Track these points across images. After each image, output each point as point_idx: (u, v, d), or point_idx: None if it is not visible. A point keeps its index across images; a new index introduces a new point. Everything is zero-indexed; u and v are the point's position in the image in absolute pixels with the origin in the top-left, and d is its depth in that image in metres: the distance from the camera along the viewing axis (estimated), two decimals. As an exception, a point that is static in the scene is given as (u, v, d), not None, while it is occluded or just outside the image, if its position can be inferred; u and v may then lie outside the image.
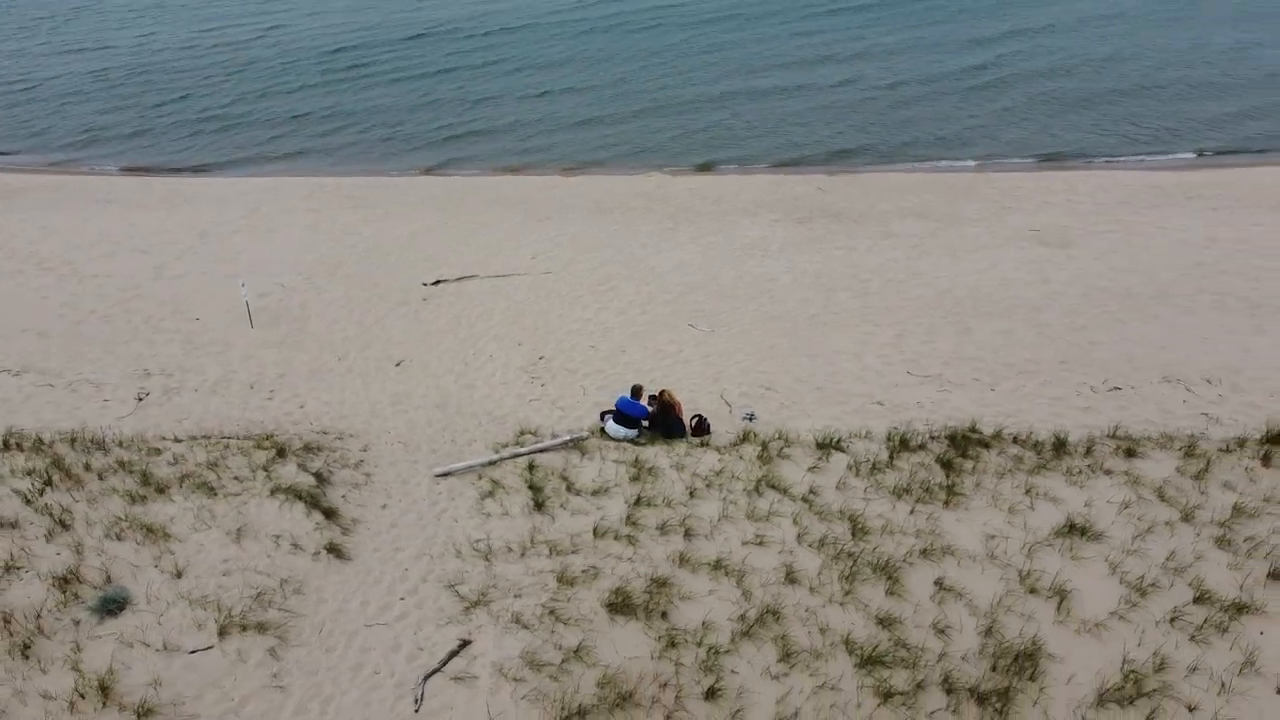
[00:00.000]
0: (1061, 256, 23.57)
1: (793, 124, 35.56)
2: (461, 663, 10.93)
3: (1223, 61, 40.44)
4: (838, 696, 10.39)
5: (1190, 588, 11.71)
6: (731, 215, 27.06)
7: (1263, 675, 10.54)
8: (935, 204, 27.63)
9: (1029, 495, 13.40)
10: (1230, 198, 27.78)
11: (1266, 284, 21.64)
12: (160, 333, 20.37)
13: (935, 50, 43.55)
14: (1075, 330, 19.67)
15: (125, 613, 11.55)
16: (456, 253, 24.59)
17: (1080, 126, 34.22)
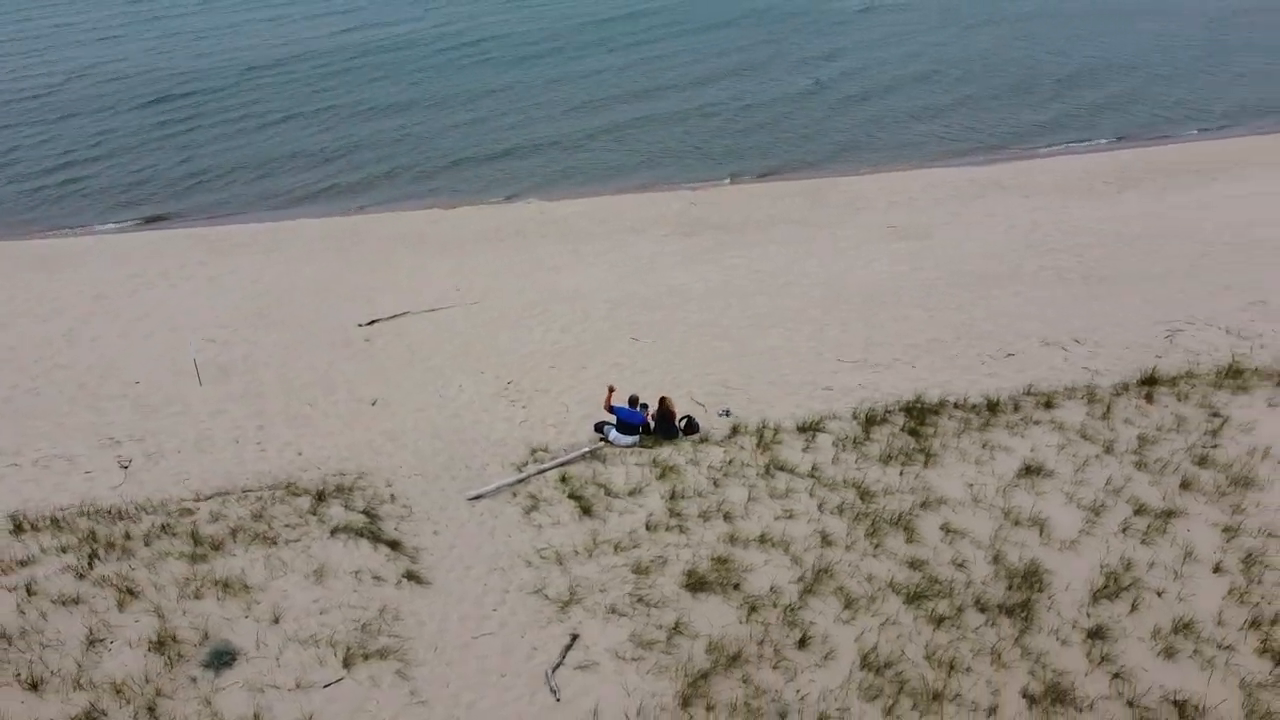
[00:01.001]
0: (920, 247, 27.00)
1: (645, 146, 37.84)
2: (578, 654, 12.26)
3: (1011, 67, 46.32)
4: (900, 629, 12.52)
5: (1128, 504, 14.68)
6: (620, 234, 28.93)
7: (1200, 562, 13.56)
8: (798, 210, 30.62)
9: (986, 449, 16.11)
10: (1033, 186, 32.39)
11: (1088, 258, 25.80)
12: (103, 399, 19.96)
13: (764, 72, 47.03)
14: (957, 310, 22.89)
15: (239, 663, 12.08)
16: (374, 291, 25.12)
17: (899, 133, 38.46)
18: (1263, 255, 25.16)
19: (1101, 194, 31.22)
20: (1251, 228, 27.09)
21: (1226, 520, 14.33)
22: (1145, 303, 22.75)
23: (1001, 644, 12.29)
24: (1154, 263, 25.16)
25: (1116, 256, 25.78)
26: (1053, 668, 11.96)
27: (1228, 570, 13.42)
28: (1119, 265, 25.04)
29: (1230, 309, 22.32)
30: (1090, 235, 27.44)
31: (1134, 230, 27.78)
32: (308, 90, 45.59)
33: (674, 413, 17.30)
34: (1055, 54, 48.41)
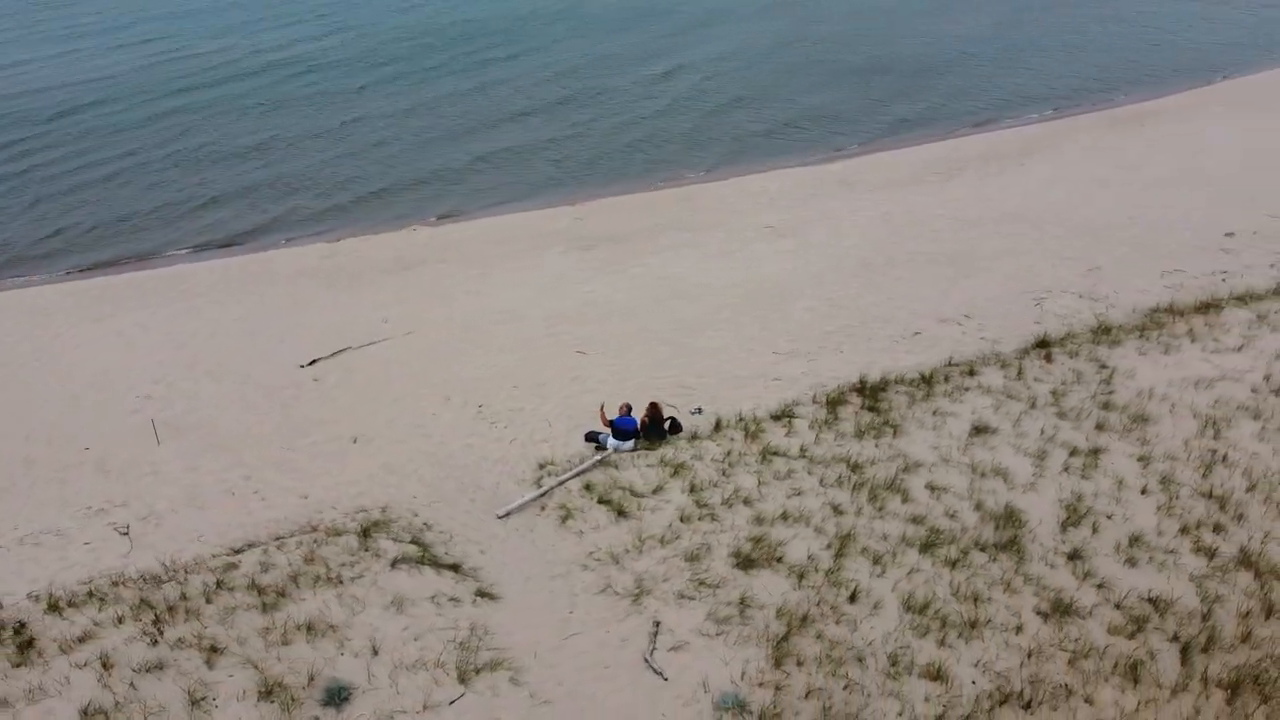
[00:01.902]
0: (800, 244, 29.71)
1: (515, 166, 38.84)
2: (665, 638, 13.67)
3: (826, 70, 50.39)
4: (923, 575, 14.73)
5: (1063, 448, 17.59)
6: (522, 254, 29.98)
7: (1130, 487, 16.58)
8: (677, 217, 32.70)
9: (937, 415, 18.67)
10: (872, 181, 35.96)
11: (946, 243, 29.28)
12: (61, 469, 19.27)
13: (611, 86, 48.77)
14: (854, 298, 25.61)
15: (355, 697, 12.71)
16: (299, 330, 25.07)
17: (739, 138, 41.37)
18: (1084, 230, 29.43)
19: (932, 184, 35.12)
20: (1070, 208, 31.50)
21: (1138, 451, 17.49)
22: (1006, 277, 26.29)
23: (1006, 575, 14.71)
24: (999, 242, 28.91)
25: (966, 239, 29.38)
26: (1051, 588, 14.49)
27: (1152, 491, 16.50)
28: (971, 246, 28.61)
29: (1074, 276, 26.22)
30: (937, 221, 31.03)
31: (971, 214, 31.61)
32: (136, 131, 43.38)
33: (663, 416, 18.84)
34: (864, 55, 52.98)
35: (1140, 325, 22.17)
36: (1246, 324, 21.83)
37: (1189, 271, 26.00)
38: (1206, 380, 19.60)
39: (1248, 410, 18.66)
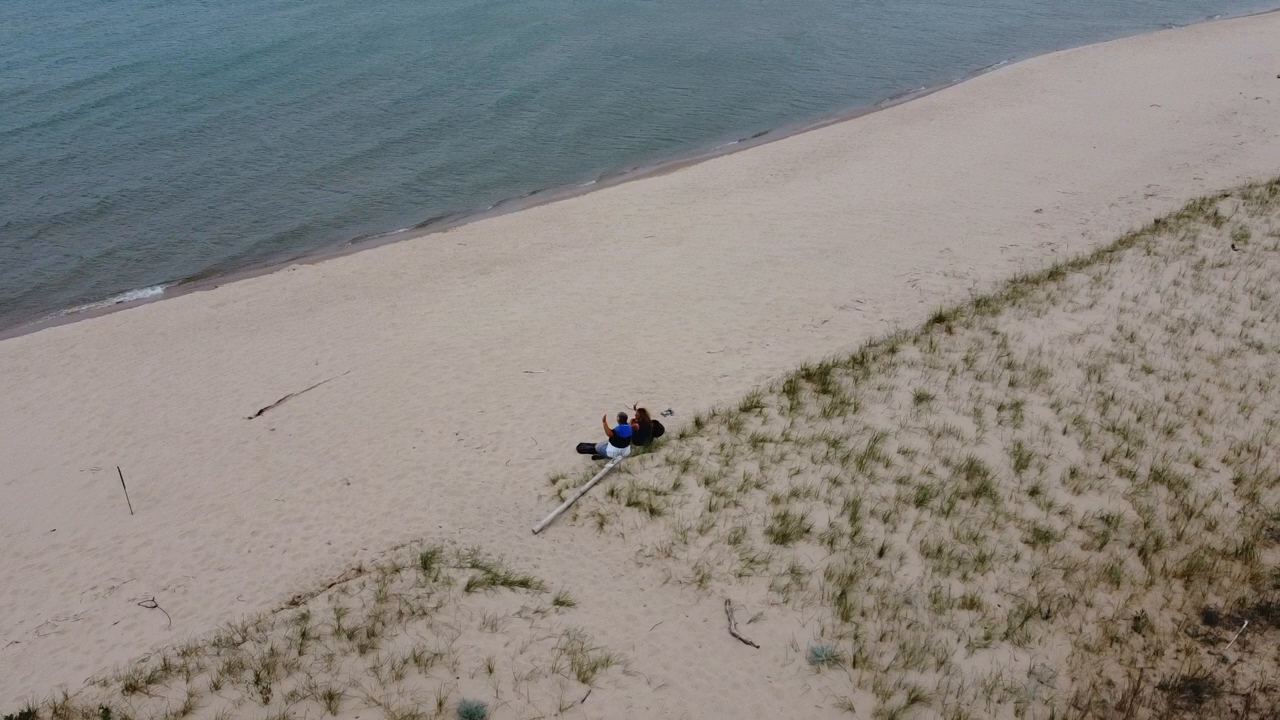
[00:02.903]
0: (684, 250, 31.92)
1: (365, 197, 38.65)
2: (741, 614, 15.40)
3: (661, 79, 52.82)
4: (927, 525, 17.26)
5: (991, 405, 20.74)
6: (422, 283, 30.32)
7: (1053, 430, 19.89)
8: (558, 234, 34.04)
9: (881, 390, 21.37)
10: (722, 186, 38.73)
11: (814, 238, 32.38)
12: (40, 556, 18.30)
13: (449, 108, 48.91)
14: (757, 294, 28.06)
15: (491, 713, 13.61)
16: (228, 382, 24.47)
17: (595, 154, 43.10)
18: (922, 216, 33.45)
19: (775, 185, 38.36)
20: (903, 197, 35.55)
21: (1048, 400, 20.92)
22: (877, 264, 29.66)
23: (990, 516, 17.51)
24: (858, 232, 32.37)
25: (830, 232, 32.66)
26: (1027, 520, 17.42)
27: (1071, 431, 19.90)
28: (838, 239, 31.89)
29: (931, 258, 29.97)
30: (796, 219, 34.18)
31: (823, 210, 35.02)
32: None
33: (651, 420, 20.41)
34: (669, 65, 56.00)
35: (1008, 295, 25.95)
36: (1088, 285, 26.11)
37: (1021, 245, 30.38)
38: (1076, 335, 23.47)
39: (1115, 356, 22.60)
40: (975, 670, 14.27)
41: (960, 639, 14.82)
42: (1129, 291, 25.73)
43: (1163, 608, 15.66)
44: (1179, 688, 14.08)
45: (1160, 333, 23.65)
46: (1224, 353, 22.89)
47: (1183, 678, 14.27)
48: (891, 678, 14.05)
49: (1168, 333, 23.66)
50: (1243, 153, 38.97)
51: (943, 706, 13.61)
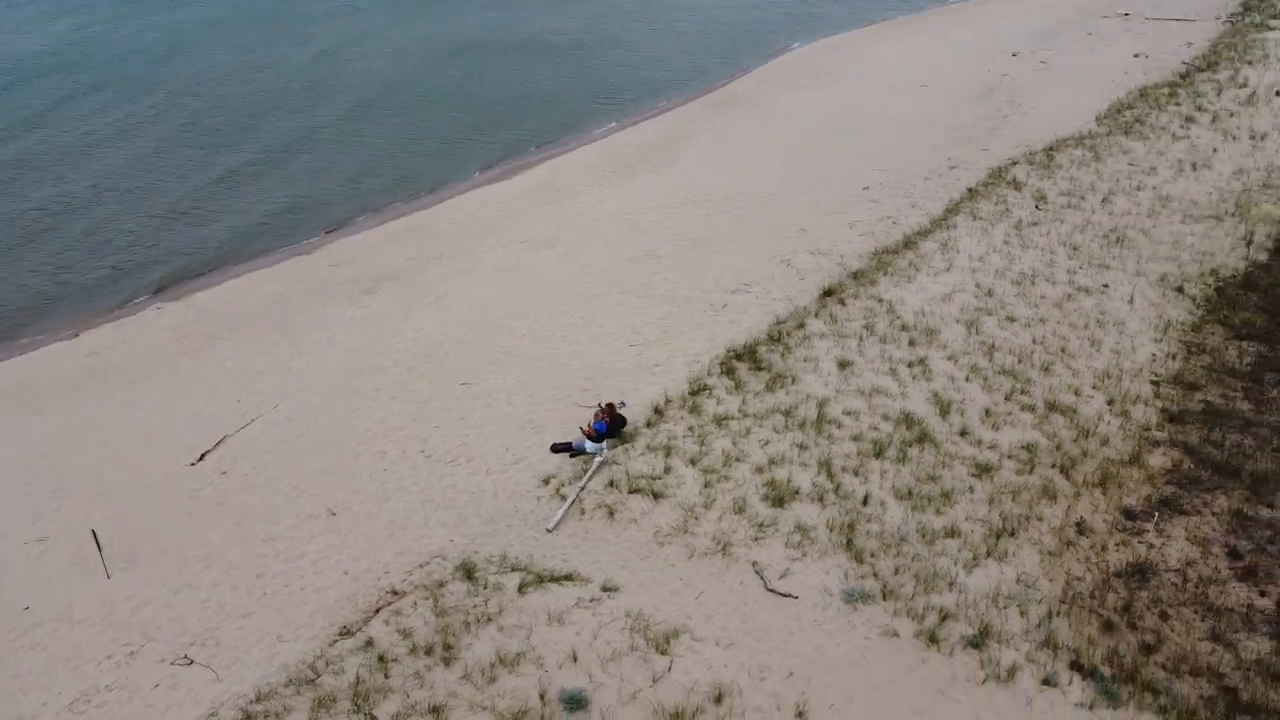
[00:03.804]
0: (564, 250, 33.10)
1: (215, 223, 36.93)
2: (768, 572, 17.25)
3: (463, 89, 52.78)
4: (891, 473, 19.79)
5: (901, 363, 23.62)
6: (310, 308, 29.67)
7: (957, 378, 23.07)
8: (430, 245, 34.18)
9: (806, 362, 23.79)
10: (570, 185, 40.05)
11: (681, 229, 34.30)
12: (20, 638, 17.20)
13: (273, 126, 46.59)
14: (648, 288, 29.72)
15: (591, 695, 14.72)
16: (149, 430, 23.39)
17: (436, 161, 43.07)
18: (766, 201, 36.36)
19: (619, 180, 40.12)
20: (744, 184, 38.31)
21: (945, 354, 24.12)
22: (746, 249, 32.13)
23: (938, 457, 20.30)
24: (719, 220, 34.74)
25: (689, 222, 34.83)
26: (967, 457, 20.35)
27: (972, 378, 23.14)
28: (703, 228, 34.10)
29: (791, 239, 32.85)
30: (653, 212, 36.11)
31: (673, 201, 37.15)
32: None
33: (618, 414, 21.73)
34: (494, 81, 56.39)
35: (876, 266, 29.17)
36: (939, 251, 29.81)
37: (864, 221, 33.87)
38: (946, 295, 26.95)
39: (982, 310, 26.22)
40: (977, 585, 16.86)
41: (956, 562, 17.38)
42: (973, 253, 29.63)
43: (1093, 512, 18.95)
44: (1129, 573, 17.29)
45: (1009, 286, 27.56)
46: (1062, 298, 27.07)
47: (1128, 564, 17.51)
48: (918, 603, 16.37)
49: (1015, 286, 27.61)
50: (1010, 124, 44.73)
51: (966, 618, 16.06)
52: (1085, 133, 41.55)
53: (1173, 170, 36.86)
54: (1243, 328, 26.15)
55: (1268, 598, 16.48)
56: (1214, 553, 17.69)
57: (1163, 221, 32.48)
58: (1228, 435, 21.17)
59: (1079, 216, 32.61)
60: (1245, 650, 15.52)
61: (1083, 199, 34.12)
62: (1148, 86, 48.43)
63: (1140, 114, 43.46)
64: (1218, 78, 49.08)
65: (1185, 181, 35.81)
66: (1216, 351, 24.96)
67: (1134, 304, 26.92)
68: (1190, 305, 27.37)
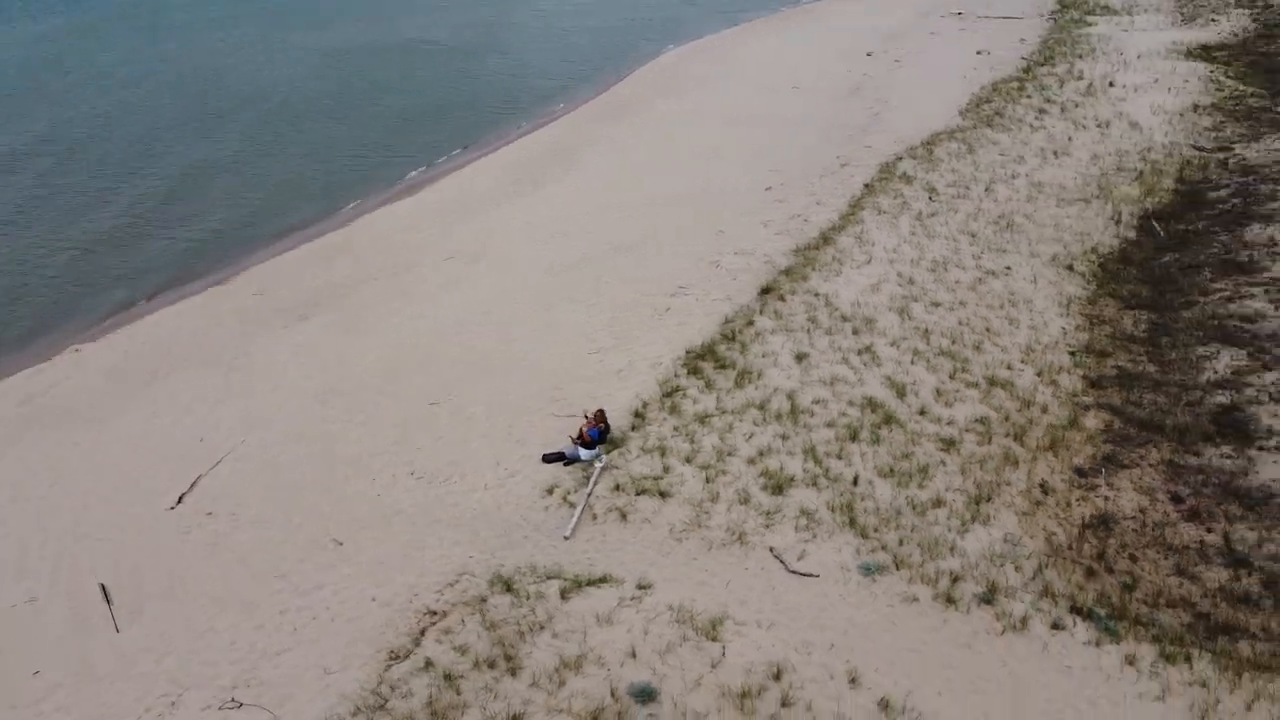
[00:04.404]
0: (492, 263, 33.41)
1: (113, 262, 35.26)
2: (787, 555, 18.50)
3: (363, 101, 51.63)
4: (870, 454, 21.38)
5: (851, 351, 25.33)
6: (247, 337, 28.90)
7: (901, 363, 25.00)
8: (358, 268, 33.79)
9: (766, 357, 25.17)
10: (479, 199, 40.27)
11: (599, 234, 35.21)
12: (41, 702, 16.47)
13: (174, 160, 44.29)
14: (591, 295, 30.39)
15: (659, 686, 15.56)
16: (119, 473, 22.46)
17: (340, 178, 42.30)
18: (682, 205, 37.64)
19: (529, 191, 40.63)
20: (655, 190, 39.51)
21: (887, 340, 25.99)
22: (673, 252, 33.26)
23: (907, 436, 22.06)
24: (634, 226, 35.76)
25: (609, 229, 35.73)
26: (930, 434, 22.19)
27: (917, 360, 25.09)
28: (621, 234, 35.01)
29: (713, 239, 34.26)
30: (571, 220, 36.81)
31: (589, 209, 38.00)
32: None
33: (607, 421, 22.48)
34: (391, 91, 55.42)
35: (803, 263, 30.91)
36: (856, 245, 31.85)
37: (776, 220, 35.67)
38: (874, 286, 28.94)
39: (908, 298, 28.33)
40: (972, 548, 18.60)
41: (949, 530, 19.09)
42: (886, 245, 31.83)
43: (1051, 474, 21.10)
44: (1094, 524, 19.45)
45: (926, 274, 29.84)
46: (975, 281, 29.54)
47: (1091, 516, 19.69)
48: (928, 569, 17.95)
49: (931, 273, 29.92)
50: (883, 121, 47.73)
51: (973, 578, 17.75)
52: (955, 127, 44.85)
53: (1038, 159, 40.39)
54: (1131, 298, 29.26)
55: (1214, 533, 18.90)
56: (1159, 499, 20.07)
57: (1041, 206, 35.70)
58: (1144, 395, 23.84)
59: (969, 205, 35.42)
60: (1208, 581, 17.83)
61: (968, 189, 37.02)
62: (998, 82, 52.55)
63: (998, 107, 47.21)
64: (1056, 71, 53.74)
65: (1051, 169, 39.34)
66: (1114, 321, 27.88)
67: (1037, 283, 29.65)
68: (1082, 281, 30.37)
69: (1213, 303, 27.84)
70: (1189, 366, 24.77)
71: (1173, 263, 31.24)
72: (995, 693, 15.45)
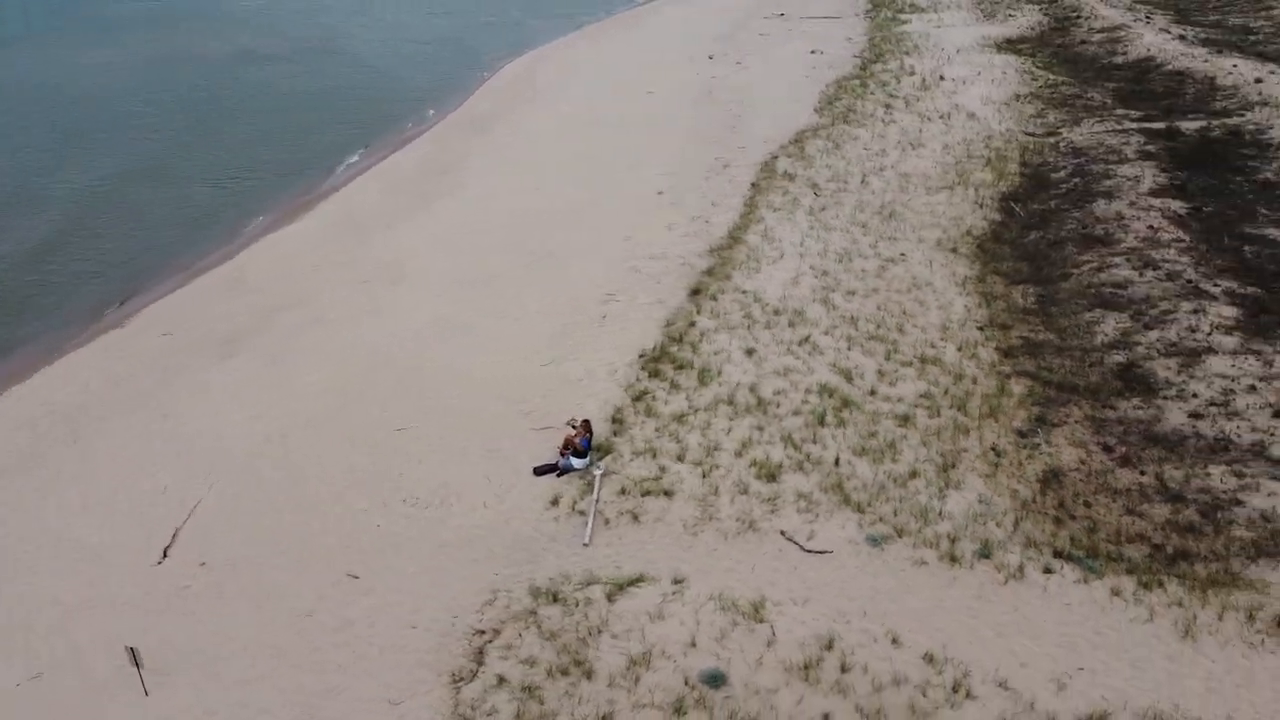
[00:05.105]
0: (416, 281, 33.17)
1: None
2: (799, 536, 19.92)
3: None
4: (838, 435, 23.13)
5: (792, 342, 27.08)
6: (170, 382, 27.53)
7: (842, 350, 27.01)
8: (265, 299, 32.69)
9: (719, 355, 26.49)
10: (373, 217, 39.69)
11: (514, 247, 35.50)
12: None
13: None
14: (522, 307, 30.84)
15: (728, 668, 16.63)
16: (86, 532, 21.28)
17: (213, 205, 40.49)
18: (581, 214, 38.44)
19: (418, 208, 40.33)
20: (549, 201, 40.11)
21: (821, 329, 27.90)
22: (588, 259, 33.97)
23: (866, 416, 23.96)
24: (544, 238, 36.25)
25: (515, 239, 36.13)
26: (888, 413, 24.16)
27: (852, 346, 27.08)
28: (533, 245, 35.40)
29: (623, 245, 35.30)
30: (476, 236, 36.99)
31: (486, 222, 38.25)
32: None
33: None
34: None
35: (720, 263, 32.48)
36: (763, 242, 33.77)
37: (679, 223, 37.10)
38: (793, 280, 30.89)
39: (827, 288, 30.43)
40: (955, 511, 20.61)
41: (930, 496, 21.04)
42: (791, 240, 33.92)
43: (998, 438, 23.48)
44: (1046, 478, 21.91)
45: (835, 265, 32.08)
46: (879, 269, 32.02)
47: (1043, 470, 22.15)
48: (927, 534, 19.81)
49: (839, 264, 32.19)
50: (746, 122, 50.14)
51: (967, 538, 19.72)
52: (816, 125, 47.80)
53: (898, 151, 43.75)
54: (1014, 274, 32.51)
55: (1147, 475, 21.71)
56: (1093, 450, 22.79)
57: (914, 195, 38.83)
58: (1052, 360, 26.76)
59: (852, 198, 38.10)
60: (1154, 516, 20.53)
61: (846, 183, 39.77)
62: (841, 79, 56.12)
63: (849, 104, 50.59)
64: (890, 67, 57.92)
65: (912, 159, 42.74)
66: (1005, 296, 30.93)
67: (932, 267, 32.44)
68: (967, 262, 33.40)
69: (1085, 274, 31.36)
70: (1082, 332, 27.92)
71: (1039, 240, 34.83)
72: (1016, 634, 17.39)
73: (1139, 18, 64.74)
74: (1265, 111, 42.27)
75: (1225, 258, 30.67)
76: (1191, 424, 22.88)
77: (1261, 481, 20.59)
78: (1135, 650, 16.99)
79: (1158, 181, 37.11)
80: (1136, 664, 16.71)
